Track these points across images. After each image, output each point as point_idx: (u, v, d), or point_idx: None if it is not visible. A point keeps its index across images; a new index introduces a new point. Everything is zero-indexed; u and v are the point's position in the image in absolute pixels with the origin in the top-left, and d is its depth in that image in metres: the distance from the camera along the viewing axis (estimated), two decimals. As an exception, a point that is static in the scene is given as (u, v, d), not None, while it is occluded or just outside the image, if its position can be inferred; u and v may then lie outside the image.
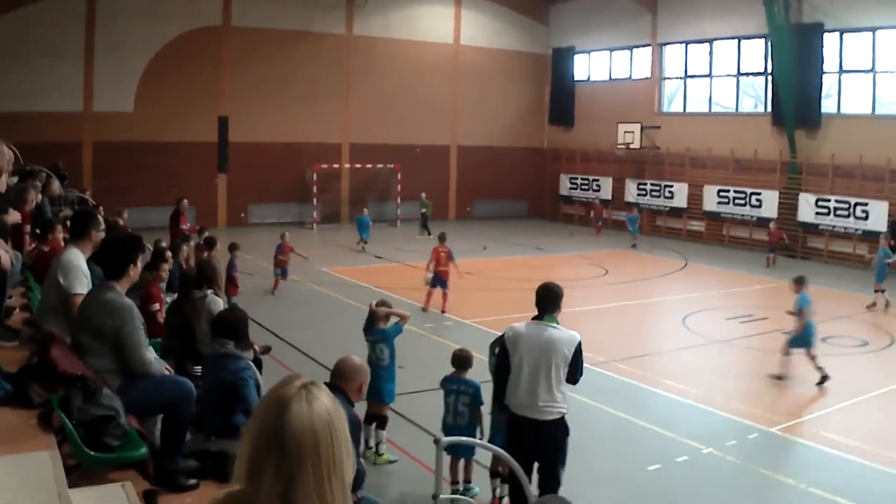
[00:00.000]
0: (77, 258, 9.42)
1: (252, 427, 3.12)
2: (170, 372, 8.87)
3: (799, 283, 18.82)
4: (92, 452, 6.82)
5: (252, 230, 42.72)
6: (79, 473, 6.64)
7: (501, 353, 10.25)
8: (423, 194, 46.12)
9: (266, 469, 3.02)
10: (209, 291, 11.32)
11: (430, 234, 41.60)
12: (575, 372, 10.08)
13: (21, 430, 6.97)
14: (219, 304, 11.21)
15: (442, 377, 12.47)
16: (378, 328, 13.63)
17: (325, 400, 3.14)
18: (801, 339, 18.21)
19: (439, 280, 24.82)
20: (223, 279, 11.95)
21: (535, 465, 10.17)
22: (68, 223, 10.96)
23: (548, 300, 10.28)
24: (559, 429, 10.13)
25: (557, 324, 10.20)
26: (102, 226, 10.23)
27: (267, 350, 13.36)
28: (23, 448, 6.51)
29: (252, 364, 9.50)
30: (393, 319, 13.74)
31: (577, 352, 10.04)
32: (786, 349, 18.52)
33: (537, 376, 9.89)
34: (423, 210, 44.90)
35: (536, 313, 10.32)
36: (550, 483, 10.14)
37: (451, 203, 53.38)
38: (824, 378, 17.90)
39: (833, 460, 14.06)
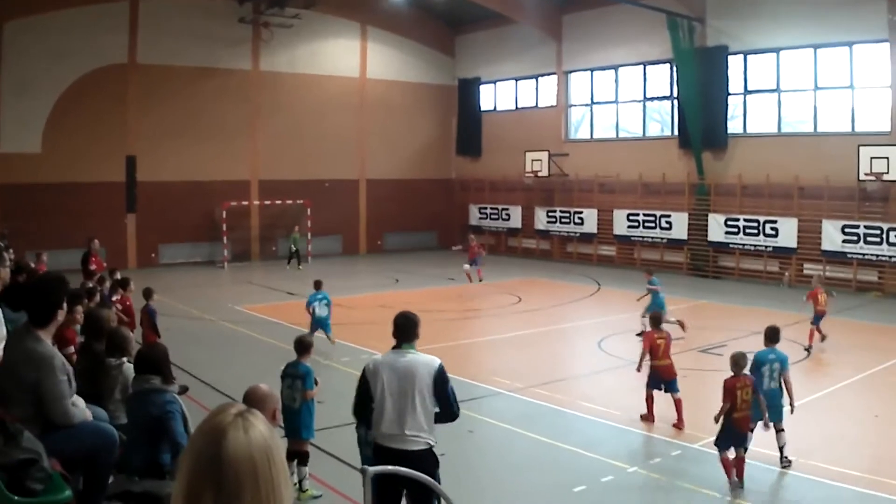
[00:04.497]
0: None
1: (188, 456, 3.02)
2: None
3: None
4: (15, 497, 6.62)
5: (163, 270, 42.34)
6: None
7: (362, 384, 10.05)
8: (297, 228, 46.63)
9: (204, 499, 2.91)
10: (124, 359, 11.06)
11: (299, 266, 43.93)
12: (446, 401, 9.89)
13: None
14: (133, 372, 11.00)
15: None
16: (296, 362, 13.47)
17: (261, 427, 3.06)
18: None
19: (660, 380, 17.51)
20: (133, 344, 11.68)
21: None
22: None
23: (405, 329, 10.15)
24: (427, 460, 9.88)
25: (416, 350, 10.08)
26: (7, 262, 9.97)
27: (184, 390, 13.13)
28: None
29: (178, 398, 9.35)
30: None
31: (440, 377, 9.85)
32: None
33: (400, 405, 9.73)
34: (295, 246, 45.38)
35: (397, 342, 10.15)
36: None
37: (361, 237, 53.31)
38: None
39: (758, 472, 14.09)
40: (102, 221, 40.76)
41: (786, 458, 14.29)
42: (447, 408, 9.89)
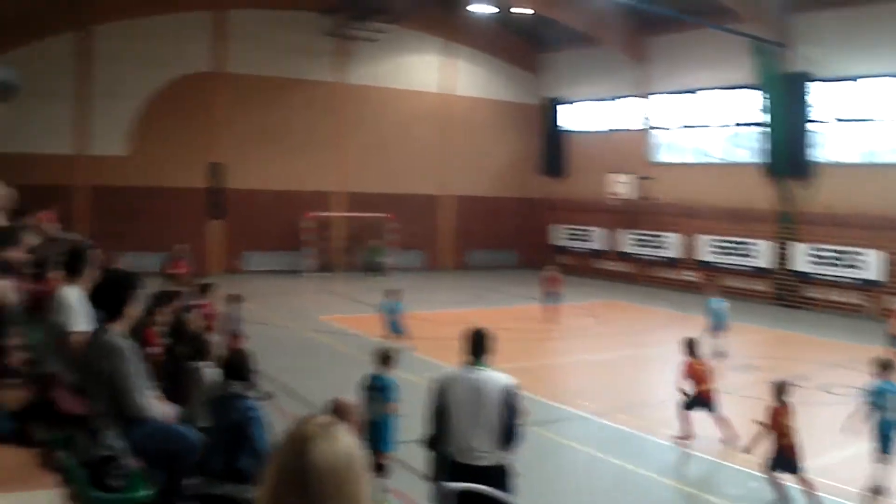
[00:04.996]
0: (73, 296, 9.29)
1: (273, 465, 3.07)
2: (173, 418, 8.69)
3: None
4: (96, 492, 6.67)
5: (247, 277, 42.70)
6: (83, 514, 6.49)
7: (433, 399, 10.13)
8: (374, 241, 47.56)
9: None
10: (206, 363, 11.16)
11: (380, 276, 44.19)
12: (509, 423, 9.82)
13: (24, 469, 6.91)
14: (213, 376, 11.08)
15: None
16: (379, 374, 13.52)
17: (346, 439, 3.13)
18: None
19: (700, 401, 17.45)
20: (216, 349, 11.80)
21: None
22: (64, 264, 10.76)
23: (478, 344, 10.15)
24: (500, 476, 9.93)
25: (487, 367, 10.09)
26: (96, 263, 10.08)
27: (268, 396, 13.25)
28: (26, 487, 6.46)
29: (259, 403, 9.44)
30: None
31: (509, 397, 9.85)
32: None
33: (471, 421, 9.79)
34: (373, 257, 46.92)
35: (469, 358, 10.16)
36: None
37: (444, 252, 53.53)
38: None
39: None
40: (188, 226, 41.63)
41: (869, 493, 14.09)
42: (504, 429, 9.82)
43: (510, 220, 54.68)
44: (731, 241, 42.65)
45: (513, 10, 46.17)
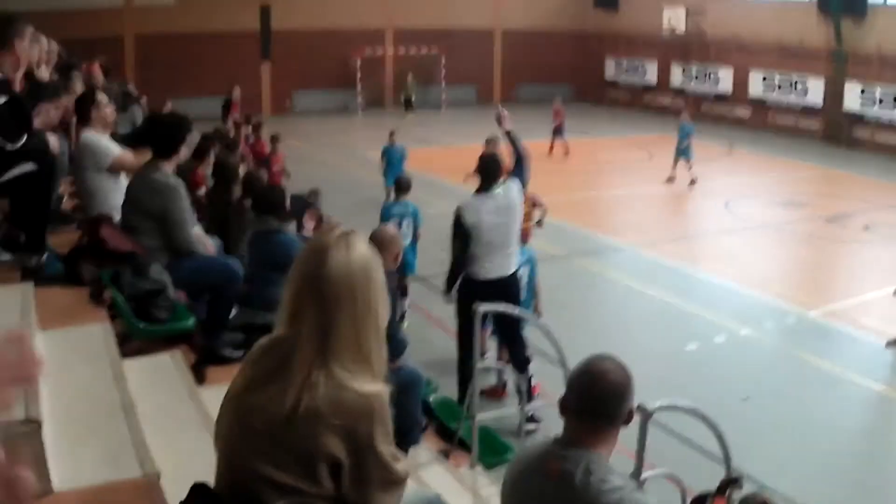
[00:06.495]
0: (91, 137, 9.54)
1: (293, 274, 3.34)
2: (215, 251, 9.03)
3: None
4: (142, 324, 7.10)
5: (297, 117, 42.89)
6: (130, 345, 6.96)
7: (461, 228, 10.46)
8: (410, 76, 46.60)
9: (306, 313, 3.24)
10: (249, 202, 11.37)
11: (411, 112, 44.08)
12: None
13: (74, 306, 7.28)
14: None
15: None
16: (404, 202, 14.04)
17: (362, 248, 3.35)
18: None
19: None
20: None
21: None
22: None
23: (496, 171, 10.58)
24: (516, 280, 10.81)
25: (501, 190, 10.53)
26: (105, 104, 10.26)
27: (315, 193, 13.93)
28: (76, 322, 6.78)
29: (298, 237, 9.82)
30: None
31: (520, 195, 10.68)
32: None
33: (502, 237, 10.36)
34: (409, 93, 46.15)
35: (485, 185, 10.54)
36: (515, 334, 10.88)
37: (495, 86, 53.10)
38: None
39: (869, 347, 14.24)
40: (237, 70, 40.98)
41: None
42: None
43: (564, 53, 53.68)
44: (783, 78, 42.12)
45: None
